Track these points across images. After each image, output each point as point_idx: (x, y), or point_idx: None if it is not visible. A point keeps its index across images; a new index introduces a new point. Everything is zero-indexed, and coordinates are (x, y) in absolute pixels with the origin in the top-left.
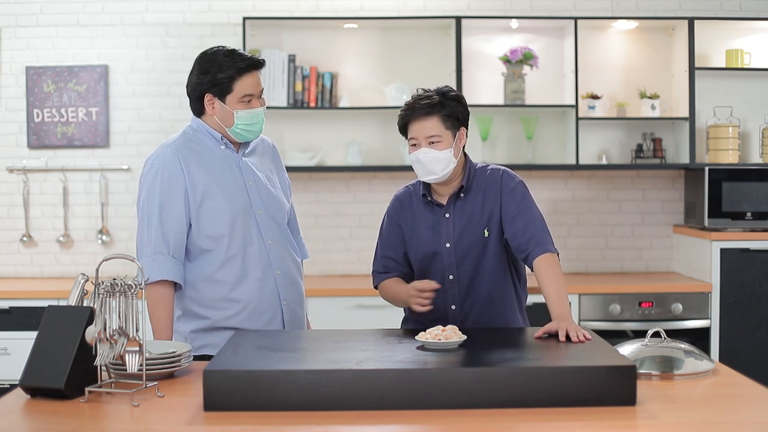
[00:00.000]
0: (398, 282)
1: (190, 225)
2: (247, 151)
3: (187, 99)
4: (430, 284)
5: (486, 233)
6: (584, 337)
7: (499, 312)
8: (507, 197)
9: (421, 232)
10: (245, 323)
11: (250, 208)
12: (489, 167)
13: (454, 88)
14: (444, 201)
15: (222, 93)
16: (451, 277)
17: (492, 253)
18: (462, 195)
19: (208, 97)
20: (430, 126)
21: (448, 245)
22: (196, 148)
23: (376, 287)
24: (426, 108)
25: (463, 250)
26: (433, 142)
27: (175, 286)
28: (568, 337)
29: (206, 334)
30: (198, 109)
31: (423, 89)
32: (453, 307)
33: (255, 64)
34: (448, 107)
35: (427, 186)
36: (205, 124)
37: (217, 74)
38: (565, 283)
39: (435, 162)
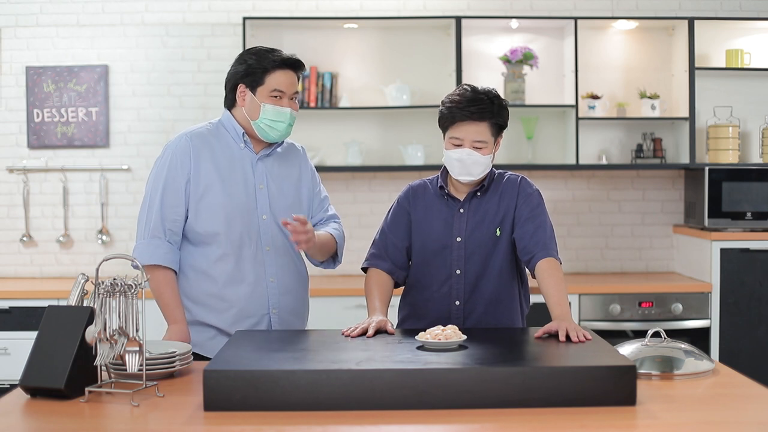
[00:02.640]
0: (380, 291)
1: (188, 215)
2: (269, 155)
3: (188, 99)
4: (390, 331)
5: (498, 232)
6: (584, 337)
7: (504, 313)
8: (522, 200)
9: (433, 223)
10: (227, 324)
11: (254, 211)
12: (507, 173)
13: (451, 87)
14: (461, 197)
15: (254, 84)
16: (458, 271)
17: (501, 253)
18: (479, 194)
19: (240, 87)
20: (479, 131)
21: (459, 239)
22: (213, 141)
23: (365, 270)
24: (480, 113)
25: (474, 246)
26: (478, 147)
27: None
28: (568, 337)
29: (191, 329)
30: (230, 101)
31: (469, 86)
32: (457, 302)
33: (292, 63)
34: (498, 116)
35: (445, 179)
36: (232, 119)
37: (253, 64)
38: (565, 285)
39: (476, 165)
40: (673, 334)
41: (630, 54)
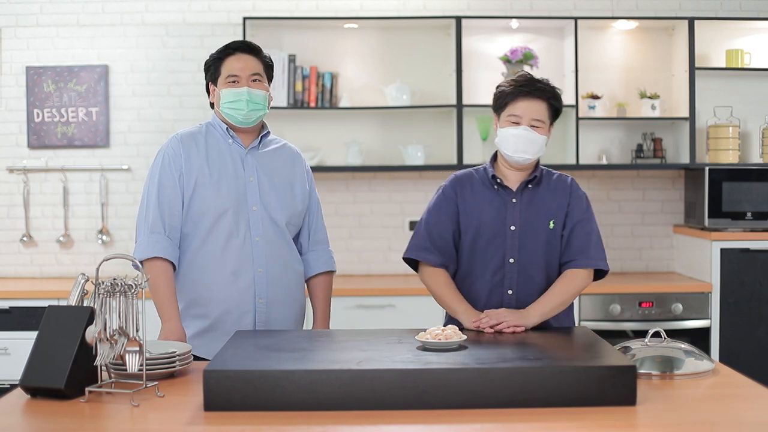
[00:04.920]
0: (455, 290)
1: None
2: (259, 149)
3: (188, 99)
4: (488, 325)
5: (551, 225)
6: (512, 330)
7: None
8: (575, 202)
9: (484, 212)
10: (212, 312)
11: (244, 203)
12: (557, 172)
13: (455, 87)
14: (513, 186)
15: (214, 77)
16: (511, 260)
17: (554, 246)
18: (530, 186)
19: (210, 86)
20: (538, 109)
21: (512, 228)
22: (202, 139)
23: (409, 260)
24: (540, 91)
25: (527, 236)
26: (535, 126)
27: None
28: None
29: (184, 322)
30: (211, 102)
31: (527, 72)
32: (510, 292)
33: (241, 46)
34: (555, 100)
35: (494, 170)
36: (216, 118)
37: (209, 61)
38: (570, 299)
39: (532, 143)
40: (673, 334)
41: (630, 54)
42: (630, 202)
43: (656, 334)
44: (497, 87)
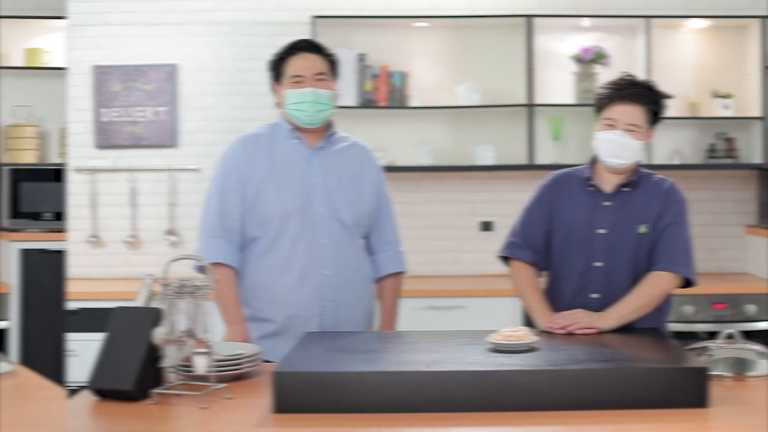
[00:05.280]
0: (537, 290)
1: (245, 215)
2: (326, 149)
3: (257, 98)
4: (559, 326)
5: (642, 229)
6: (584, 332)
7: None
8: (669, 207)
9: (576, 213)
10: (278, 316)
11: (310, 204)
12: (656, 175)
13: (525, 87)
14: (607, 189)
15: (278, 77)
16: (598, 264)
17: (644, 252)
18: (626, 189)
19: (274, 86)
20: (635, 113)
21: (602, 231)
22: (267, 142)
23: (504, 258)
24: (637, 95)
25: (616, 239)
26: (631, 130)
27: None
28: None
29: (250, 325)
30: (276, 102)
31: (628, 74)
32: (595, 295)
33: (305, 46)
34: (655, 103)
35: (591, 172)
36: (282, 119)
37: (273, 60)
38: (652, 302)
39: (625, 148)
40: (746, 335)
41: (702, 53)
42: (702, 203)
43: (729, 336)
44: (599, 89)
